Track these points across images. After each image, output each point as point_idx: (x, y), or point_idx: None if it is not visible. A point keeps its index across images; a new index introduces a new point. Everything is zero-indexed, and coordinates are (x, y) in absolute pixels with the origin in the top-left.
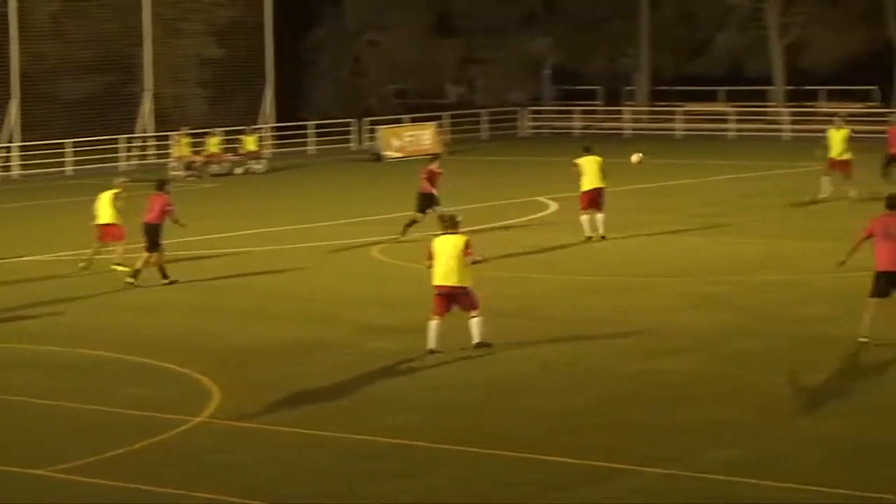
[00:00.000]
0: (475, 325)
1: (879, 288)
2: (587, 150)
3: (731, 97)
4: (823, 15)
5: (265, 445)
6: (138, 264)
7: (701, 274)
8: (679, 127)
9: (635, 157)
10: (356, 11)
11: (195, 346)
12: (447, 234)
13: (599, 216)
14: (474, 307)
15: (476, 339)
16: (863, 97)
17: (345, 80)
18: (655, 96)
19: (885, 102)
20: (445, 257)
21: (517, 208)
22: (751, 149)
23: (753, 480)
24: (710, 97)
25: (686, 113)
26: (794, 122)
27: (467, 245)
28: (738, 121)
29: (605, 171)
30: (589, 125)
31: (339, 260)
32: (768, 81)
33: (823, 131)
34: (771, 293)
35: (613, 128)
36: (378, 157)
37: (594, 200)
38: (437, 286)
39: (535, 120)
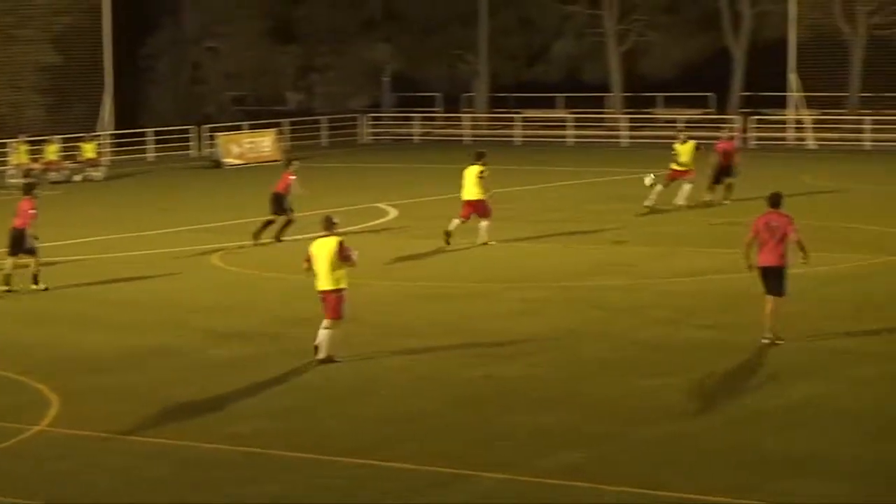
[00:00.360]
0: (323, 335)
1: (767, 285)
2: (476, 159)
3: (570, 104)
4: (660, 22)
5: (105, 454)
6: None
7: (543, 279)
8: (518, 133)
9: (648, 180)
10: (195, 18)
11: (34, 354)
12: (323, 236)
13: (482, 223)
14: (332, 316)
15: (321, 353)
16: (700, 103)
17: (184, 87)
18: (494, 103)
19: (722, 109)
20: (320, 261)
21: (357, 215)
22: (589, 155)
23: (591, 484)
24: (549, 104)
25: (525, 119)
26: (632, 129)
27: (341, 246)
28: (577, 127)
29: (483, 181)
30: (428, 132)
31: (180, 267)
32: (606, 88)
33: (662, 138)
34: (613, 298)
35: (453, 134)
36: (217, 165)
37: (470, 211)
38: (319, 291)
39: (374, 127)
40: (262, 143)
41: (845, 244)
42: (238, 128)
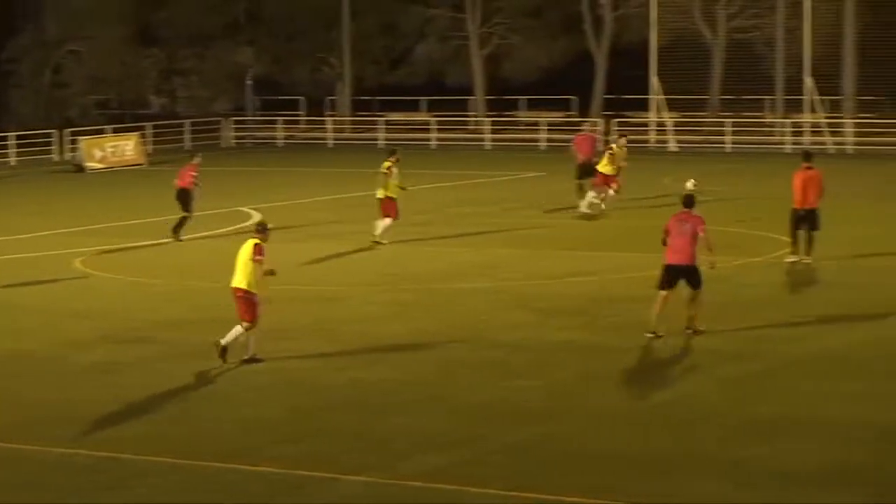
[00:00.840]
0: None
1: (667, 280)
2: (389, 155)
3: (433, 107)
4: (523, 25)
5: None
6: None
7: (408, 282)
8: (381, 136)
9: (690, 184)
10: (57, 21)
11: None
12: (251, 237)
13: (380, 222)
14: (245, 318)
15: (248, 353)
16: (562, 106)
17: (46, 90)
18: (358, 106)
19: (584, 112)
20: (239, 259)
21: (220, 219)
22: (453, 158)
23: (454, 486)
24: (412, 107)
25: (388, 122)
26: (494, 132)
27: (255, 249)
28: (440, 130)
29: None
30: (292, 135)
31: (43, 271)
32: (469, 91)
33: (524, 141)
34: (478, 300)
35: (316, 138)
36: (80, 169)
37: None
38: (232, 288)
39: (238, 130)
40: (125, 147)
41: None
42: (101, 132)
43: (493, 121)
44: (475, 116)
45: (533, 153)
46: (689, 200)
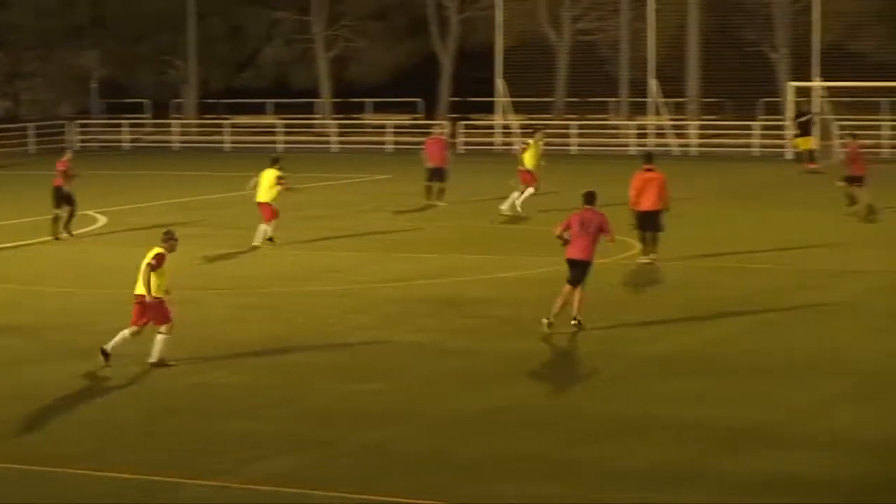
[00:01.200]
0: (158, 341)
1: (573, 275)
2: (273, 163)
3: (279, 110)
4: (369, 28)
5: None
6: None
7: (255, 285)
8: (227, 140)
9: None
10: None
11: None
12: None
13: (261, 226)
14: (161, 322)
15: (153, 357)
16: (409, 109)
17: None
18: (204, 109)
19: (430, 114)
20: (140, 268)
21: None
22: (300, 161)
23: (300, 490)
24: (258, 110)
25: (234, 126)
26: (341, 134)
27: (155, 258)
28: (287, 133)
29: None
30: (138, 138)
31: None
32: (315, 94)
33: (371, 143)
34: (325, 303)
35: (162, 141)
36: None
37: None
38: (134, 294)
39: (83, 133)
40: None
41: (552, 247)
42: None
43: (339, 124)
44: (321, 119)
45: (379, 156)
46: (590, 198)
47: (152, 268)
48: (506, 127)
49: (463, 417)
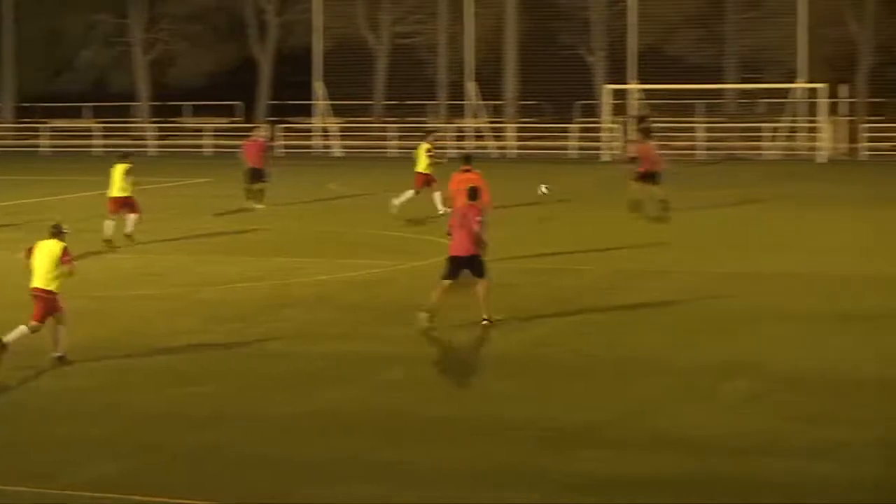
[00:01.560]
0: (62, 334)
1: (451, 270)
2: (123, 157)
3: (97, 113)
4: (187, 31)
5: None
6: None
7: (75, 290)
8: (44, 143)
9: (543, 189)
10: None
11: None
12: (49, 239)
13: (130, 216)
14: (36, 317)
15: (59, 351)
16: (228, 112)
17: None
18: (21, 113)
19: (249, 117)
20: (39, 260)
21: None
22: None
23: (121, 495)
24: (76, 113)
25: (51, 129)
26: (159, 138)
27: (64, 251)
28: (104, 136)
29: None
30: None
31: None
32: (133, 97)
33: (190, 147)
34: (145, 307)
35: None
36: None
37: (120, 207)
38: (31, 288)
39: None
40: None
41: (374, 250)
42: None
43: (157, 127)
44: (139, 123)
45: (198, 159)
46: (472, 193)
47: (69, 261)
48: (324, 130)
49: (287, 418)
